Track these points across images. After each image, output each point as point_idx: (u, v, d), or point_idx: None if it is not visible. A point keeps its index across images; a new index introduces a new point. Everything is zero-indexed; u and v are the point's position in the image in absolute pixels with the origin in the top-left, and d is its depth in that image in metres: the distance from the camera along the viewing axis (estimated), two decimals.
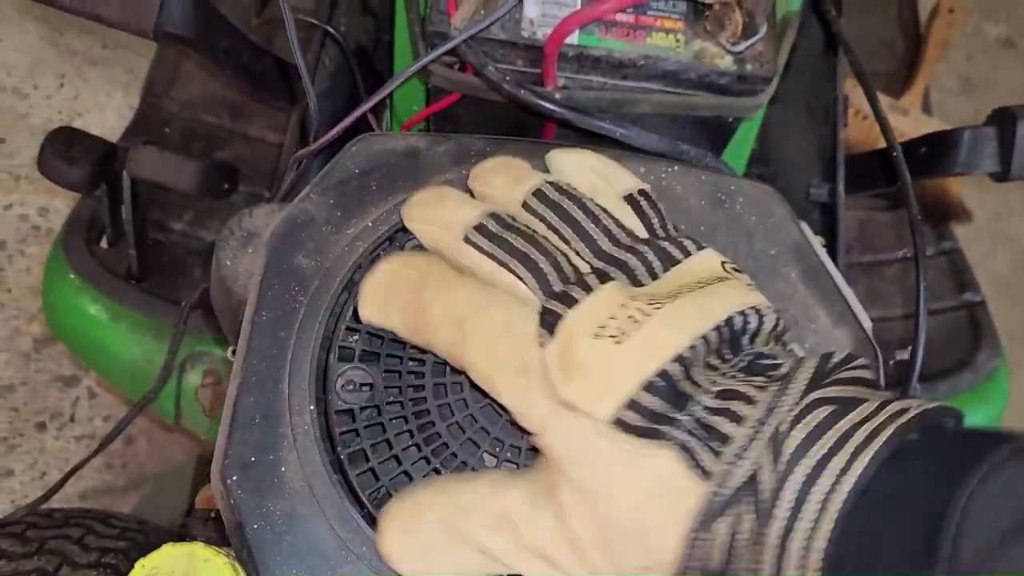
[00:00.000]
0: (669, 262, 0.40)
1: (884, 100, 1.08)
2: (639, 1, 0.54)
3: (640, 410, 0.33)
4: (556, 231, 0.41)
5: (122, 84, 1.58)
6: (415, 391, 0.42)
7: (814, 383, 0.33)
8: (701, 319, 0.36)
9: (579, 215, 0.41)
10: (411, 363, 0.43)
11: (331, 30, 0.76)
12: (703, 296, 0.37)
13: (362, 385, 0.43)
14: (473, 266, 0.40)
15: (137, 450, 1.37)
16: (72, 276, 0.86)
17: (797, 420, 0.31)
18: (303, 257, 0.46)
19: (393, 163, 0.49)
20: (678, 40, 0.57)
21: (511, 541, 0.35)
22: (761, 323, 0.38)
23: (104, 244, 0.89)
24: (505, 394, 0.36)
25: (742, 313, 0.37)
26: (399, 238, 0.47)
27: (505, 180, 0.44)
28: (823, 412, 0.31)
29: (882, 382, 0.46)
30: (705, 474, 0.32)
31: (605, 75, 0.58)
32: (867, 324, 0.48)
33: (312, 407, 0.43)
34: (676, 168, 0.50)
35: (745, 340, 0.38)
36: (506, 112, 0.60)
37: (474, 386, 0.40)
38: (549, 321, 0.36)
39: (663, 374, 0.34)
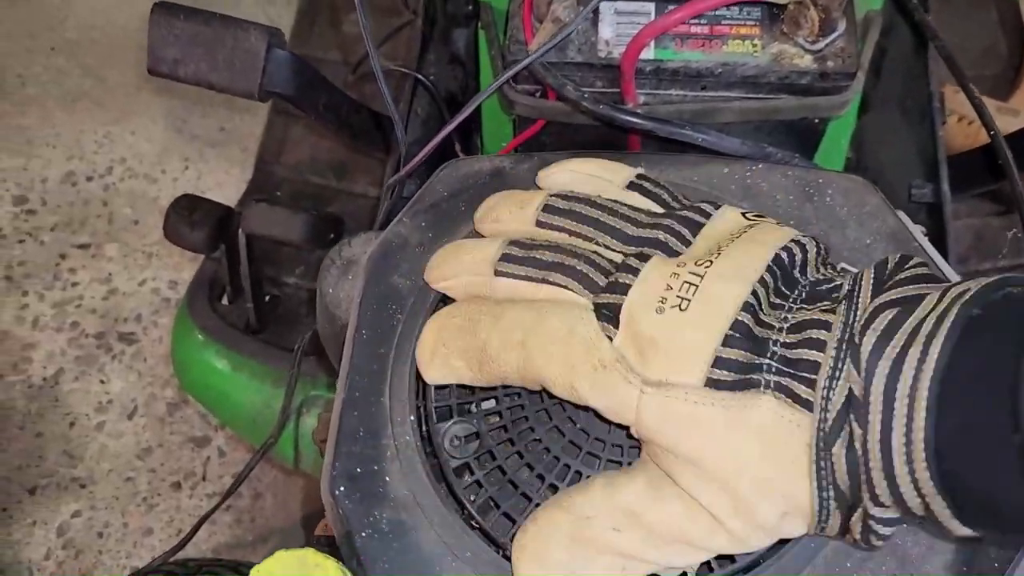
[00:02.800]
0: (695, 227, 0.40)
1: (991, 103, 1.03)
2: (710, 8, 0.55)
3: (727, 365, 0.33)
4: (579, 235, 0.41)
5: (239, 161, 1.70)
6: (517, 426, 0.42)
7: (877, 290, 0.34)
8: (751, 264, 0.36)
9: (594, 212, 0.41)
10: (507, 399, 0.43)
11: (422, 78, 0.80)
12: (743, 244, 0.37)
13: (467, 438, 0.43)
14: (513, 295, 0.40)
15: (264, 505, 1.42)
16: (197, 332, 0.92)
17: (866, 327, 0.32)
18: (399, 277, 0.48)
19: (480, 184, 0.51)
20: (755, 45, 0.57)
21: (643, 534, 0.35)
22: (805, 253, 0.38)
23: (225, 301, 0.95)
24: (591, 395, 0.36)
25: (785, 248, 0.37)
26: None
27: (510, 208, 0.44)
28: (890, 314, 0.31)
29: None
30: (807, 405, 0.32)
31: (684, 87, 0.58)
32: None
33: (412, 418, 0.44)
34: (761, 167, 0.50)
35: (797, 273, 0.38)
36: (590, 134, 0.61)
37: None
38: (607, 313, 0.37)
39: (736, 325, 0.34)
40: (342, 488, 0.42)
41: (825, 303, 0.35)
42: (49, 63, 1.82)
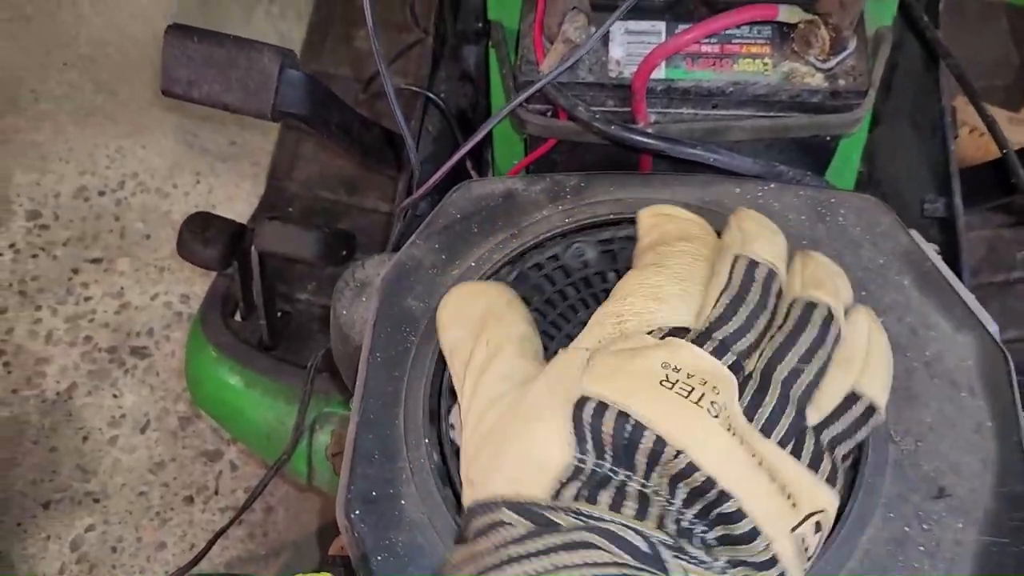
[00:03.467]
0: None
1: (1003, 114, 1.03)
2: (720, 29, 0.55)
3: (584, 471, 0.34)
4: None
5: (250, 176, 1.70)
6: None
7: None
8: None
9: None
10: None
11: (433, 97, 0.81)
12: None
13: None
14: None
15: (276, 519, 1.42)
16: (210, 348, 0.92)
17: None
18: (412, 300, 0.48)
19: (492, 205, 0.51)
20: (766, 64, 0.57)
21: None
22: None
23: (238, 317, 0.95)
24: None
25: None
26: (502, 274, 0.48)
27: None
28: None
29: (1015, 395, 0.43)
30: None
31: (695, 106, 0.59)
32: (993, 328, 0.46)
33: (427, 440, 0.44)
34: (773, 186, 0.50)
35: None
36: (601, 155, 0.62)
37: None
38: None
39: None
40: (358, 511, 0.43)
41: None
42: (62, 78, 1.83)
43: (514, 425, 0.36)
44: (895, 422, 0.43)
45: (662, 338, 0.35)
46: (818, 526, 0.33)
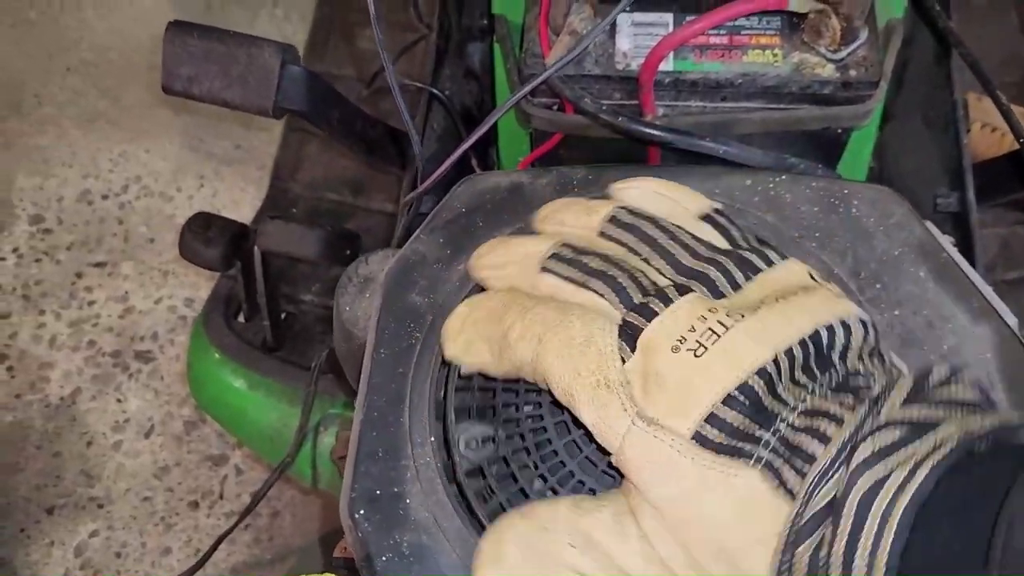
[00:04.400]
0: (751, 271, 0.38)
1: (1015, 109, 1.02)
2: (729, 19, 0.54)
3: (721, 425, 0.32)
4: (634, 251, 0.40)
5: (255, 179, 1.70)
6: (535, 435, 0.41)
7: (907, 403, 0.32)
8: (784, 331, 0.34)
9: (656, 233, 0.40)
10: (527, 407, 0.42)
11: (437, 93, 0.80)
12: (787, 307, 0.35)
13: (483, 440, 0.42)
14: (554, 294, 0.39)
15: (282, 524, 1.41)
16: (213, 350, 0.91)
17: (867, 436, 0.30)
18: (417, 295, 0.47)
19: (498, 199, 0.50)
20: (775, 55, 0.56)
21: (601, 562, 0.34)
22: (849, 337, 0.36)
23: (241, 319, 0.95)
24: (584, 409, 0.35)
25: (829, 328, 0.35)
26: None
27: (576, 213, 0.43)
28: (897, 432, 0.30)
29: None
30: (789, 494, 0.31)
31: (703, 99, 0.58)
32: (1012, 320, 0.45)
33: (432, 438, 0.43)
34: (784, 177, 0.49)
35: (835, 356, 0.35)
36: (608, 149, 0.61)
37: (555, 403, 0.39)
38: (629, 334, 0.36)
39: (744, 388, 0.32)
40: (362, 511, 0.42)
41: (850, 397, 0.33)
42: (65, 83, 1.83)
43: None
44: None
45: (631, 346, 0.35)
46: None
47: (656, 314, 0.35)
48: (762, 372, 0.33)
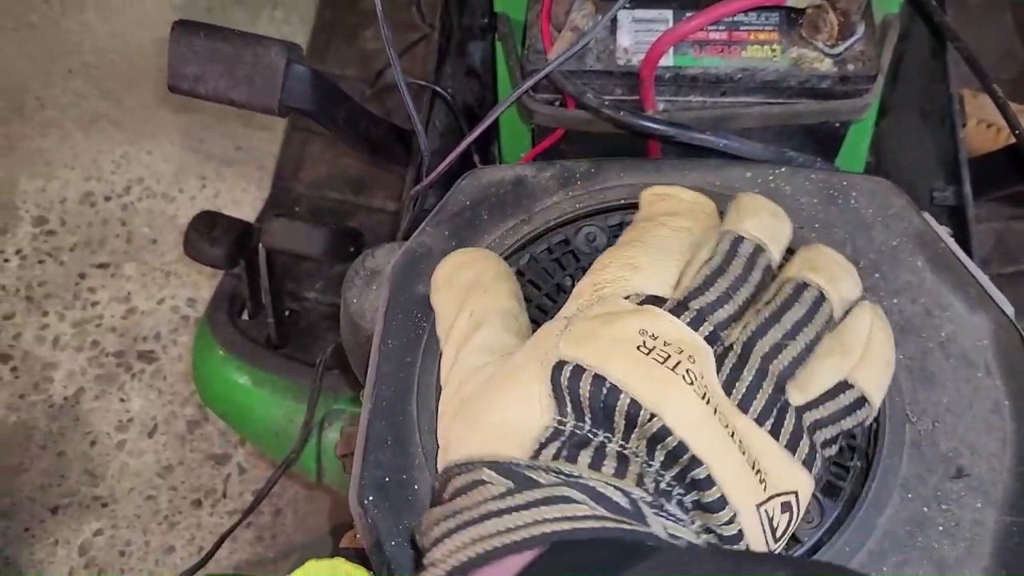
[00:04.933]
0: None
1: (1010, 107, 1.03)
2: (728, 15, 0.55)
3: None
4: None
5: (256, 179, 1.71)
6: None
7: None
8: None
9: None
10: None
11: (440, 91, 0.81)
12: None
13: None
14: None
15: (285, 521, 1.42)
16: (218, 348, 0.92)
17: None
18: (423, 286, 0.48)
19: (502, 192, 0.51)
20: (774, 50, 0.57)
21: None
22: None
23: (245, 316, 0.95)
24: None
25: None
26: (512, 260, 0.48)
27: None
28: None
29: None
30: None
31: (704, 93, 0.59)
32: (1008, 309, 0.46)
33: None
34: (783, 170, 0.50)
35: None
36: (610, 144, 0.61)
37: None
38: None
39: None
40: (371, 497, 0.42)
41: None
42: (67, 86, 1.84)
43: (493, 390, 0.36)
44: (911, 402, 0.42)
45: (639, 304, 0.35)
46: (786, 507, 0.33)
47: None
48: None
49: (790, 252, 0.41)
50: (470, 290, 0.41)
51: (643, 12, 0.59)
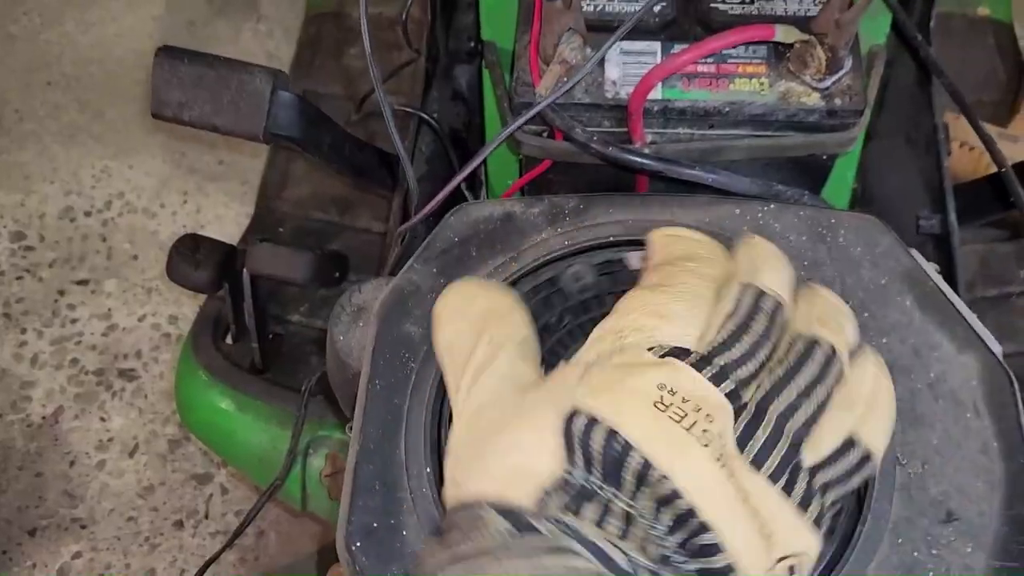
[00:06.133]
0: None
1: (993, 129, 1.04)
2: (717, 50, 0.55)
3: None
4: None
5: (238, 195, 1.69)
6: None
7: None
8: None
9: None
10: None
11: (426, 116, 0.80)
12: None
13: None
14: None
15: (268, 543, 1.40)
16: (201, 372, 0.91)
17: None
18: (411, 325, 0.47)
19: (491, 228, 0.51)
20: (762, 83, 0.57)
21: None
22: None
23: (229, 340, 0.94)
24: None
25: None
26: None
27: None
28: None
29: (1020, 415, 0.43)
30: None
31: (692, 126, 0.59)
32: (996, 348, 0.46)
33: (428, 470, 0.43)
34: (772, 207, 0.50)
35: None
36: (597, 175, 0.61)
37: None
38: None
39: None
40: (359, 543, 0.42)
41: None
42: (46, 98, 1.82)
43: (506, 430, 0.35)
44: (901, 444, 0.42)
45: (662, 356, 0.35)
46: (792, 570, 0.33)
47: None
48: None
49: None
50: (486, 318, 0.40)
51: (631, 44, 0.59)
